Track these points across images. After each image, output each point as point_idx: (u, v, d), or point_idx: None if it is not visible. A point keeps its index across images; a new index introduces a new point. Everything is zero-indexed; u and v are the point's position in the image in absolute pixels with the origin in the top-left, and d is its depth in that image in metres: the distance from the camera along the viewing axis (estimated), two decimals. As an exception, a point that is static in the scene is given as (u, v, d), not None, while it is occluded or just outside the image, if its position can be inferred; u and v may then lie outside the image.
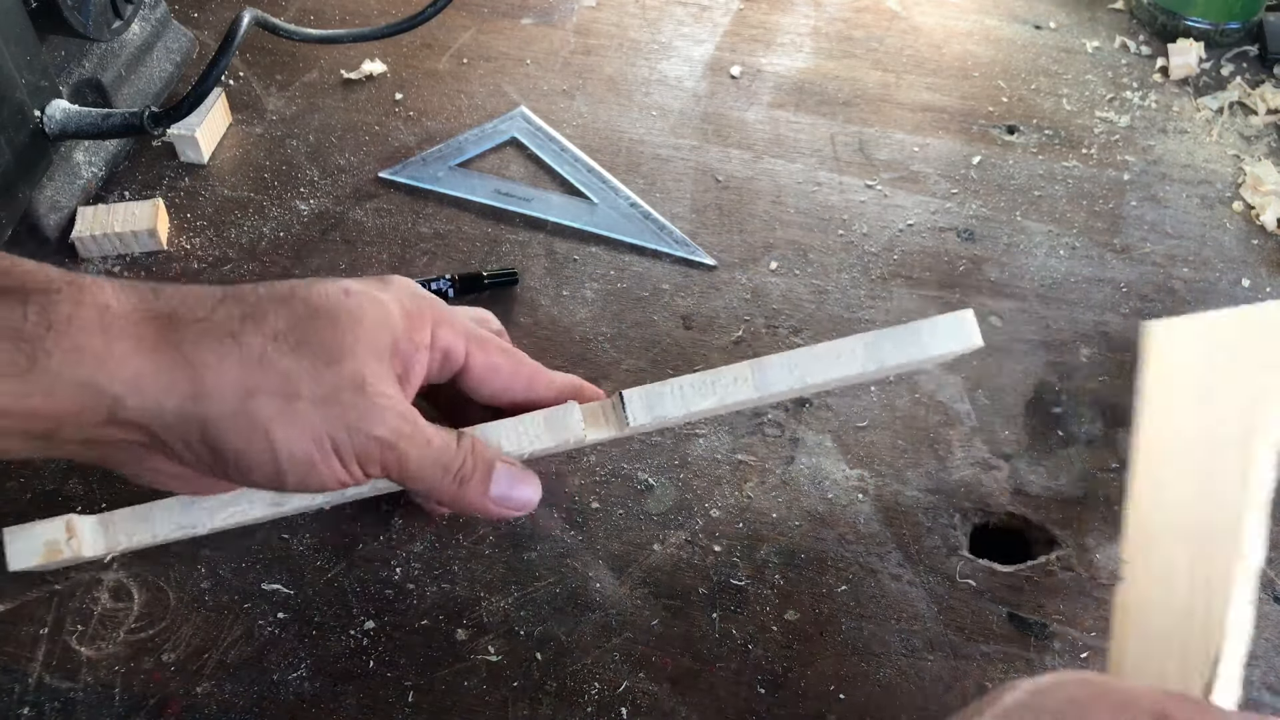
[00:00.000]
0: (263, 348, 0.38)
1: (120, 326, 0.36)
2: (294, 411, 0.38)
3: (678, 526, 0.54)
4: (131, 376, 0.36)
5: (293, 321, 0.38)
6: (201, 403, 0.37)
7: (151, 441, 0.38)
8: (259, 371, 0.37)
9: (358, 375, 0.39)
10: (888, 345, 0.46)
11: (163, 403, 0.37)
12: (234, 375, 0.37)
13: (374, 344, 0.40)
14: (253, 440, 0.38)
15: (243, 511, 0.45)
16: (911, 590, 0.52)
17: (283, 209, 0.70)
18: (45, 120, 0.63)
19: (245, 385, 0.37)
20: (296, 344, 0.38)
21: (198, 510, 0.45)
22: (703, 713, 0.48)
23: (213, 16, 0.84)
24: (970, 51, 0.83)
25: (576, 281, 0.66)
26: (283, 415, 0.38)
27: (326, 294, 0.40)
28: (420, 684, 0.49)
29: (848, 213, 0.71)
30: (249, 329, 0.38)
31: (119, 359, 0.36)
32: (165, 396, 0.37)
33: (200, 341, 0.37)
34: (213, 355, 0.37)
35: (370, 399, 0.39)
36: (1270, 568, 0.53)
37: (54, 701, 0.48)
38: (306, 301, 0.39)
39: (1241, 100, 0.79)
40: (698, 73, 0.81)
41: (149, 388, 0.37)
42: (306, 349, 0.38)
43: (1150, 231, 0.70)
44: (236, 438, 0.38)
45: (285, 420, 0.38)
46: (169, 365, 0.37)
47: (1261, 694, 0.49)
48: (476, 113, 0.77)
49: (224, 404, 0.37)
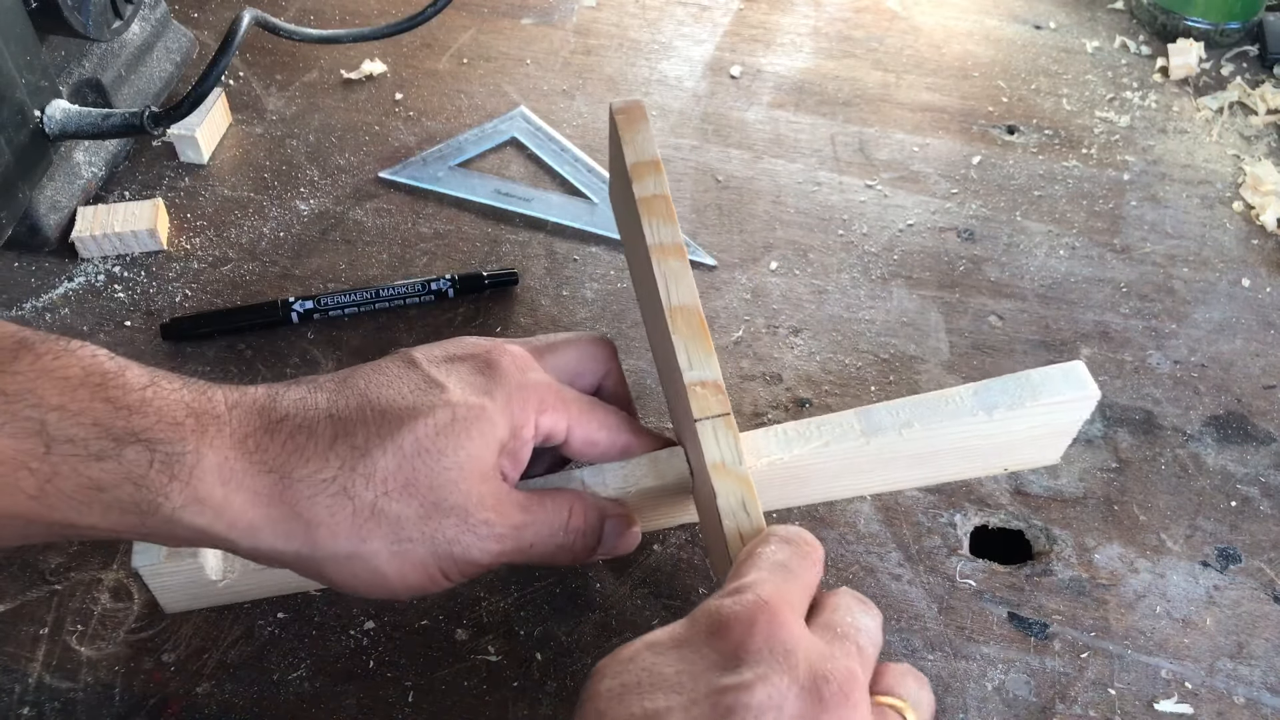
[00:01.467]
0: (373, 500, 0.39)
1: (239, 480, 0.38)
2: (404, 552, 0.40)
3: (678, 527, 0.54)
4: (247, 528, 0.39)
5: (400, 461, 0.40)
6: (316, 551, 0.39)
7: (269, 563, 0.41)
8: (371, 522, 0.39)
9: (462, 509, 0.41)
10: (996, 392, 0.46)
11: (278, 549, 0.39)
12: (347, 528, 0.39)
13: (479, 468, 0.41)
14: (369, 579, 0.40)
15: None
16: (911, 590, 0.52)
17: (283, 209, 0.70)
18: (45, 120, 0.63)
19: (359, 535, 0.39)
20: (404, 487, 0.40)
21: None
22: (703, 713, 0.48)
23: (213, 16, 0.84)
24: (970, 51, 0.83)
25: (576, 281, 0.66)
26: (394, 556, 0.40)
27: (435, 423, 0.41)
28: (420, 684, 0.49)
29: (848, 213, 0.71)
30: (359, 480, 0.39)
31: (236, 511, 0.38)
32: (281, 545, 0.39)
33: (314, 498, 0.39)
34: (326, 512, 0.39)
35: (473, 529, 0.41)
36: (1270, 568, 0.53)
37: (54, 701, 0.48)
38: (415, 433, 0.40)
39: (1241, 100, 0.79)
40: (698, 73, 0.81)
41: (264, 539, 0.39)
42: (414, 491, 0.40)
43: (1150, 231, 0.70)
44: (351, 577, 0.40)
45: (396, 559, 0.40)
46: (284, 519, 0.39)
47: (1261, 694, 0.49)
48: (476, 113, 0.77)
49: (338, 550, 0.39)
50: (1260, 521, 0.55)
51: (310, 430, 0.40)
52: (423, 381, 0.42)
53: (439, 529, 0.41)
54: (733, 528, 0.42)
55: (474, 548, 0.41)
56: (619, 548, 0.47)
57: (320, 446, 0.40)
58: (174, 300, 0.65)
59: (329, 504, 0.39)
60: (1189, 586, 0.53)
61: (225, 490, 0.38)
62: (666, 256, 0.50)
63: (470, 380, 0.43)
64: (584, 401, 0.46)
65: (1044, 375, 0.46)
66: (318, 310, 0.63)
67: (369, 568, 0.40)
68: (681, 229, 0.69)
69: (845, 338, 0.63)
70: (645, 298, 0.53)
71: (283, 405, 0.40)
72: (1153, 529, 0.55)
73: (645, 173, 0.53)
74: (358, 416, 0.40)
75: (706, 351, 0.47)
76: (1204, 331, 0.64)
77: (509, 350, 0.45)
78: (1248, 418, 0.60)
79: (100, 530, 0.38)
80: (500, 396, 0.43)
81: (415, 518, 0.40)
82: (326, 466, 0.39)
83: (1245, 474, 0.57)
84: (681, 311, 0.48)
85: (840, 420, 0.47)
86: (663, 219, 0.51)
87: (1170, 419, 0.60)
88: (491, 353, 0.44)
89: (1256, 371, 0.62)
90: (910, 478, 0.51)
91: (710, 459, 0.44)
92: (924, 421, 0.46)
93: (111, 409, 0.37)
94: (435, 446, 0.40)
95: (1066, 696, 0.49)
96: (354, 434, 0.40)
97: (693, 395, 0.45)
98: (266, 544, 0.39)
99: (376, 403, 0.41)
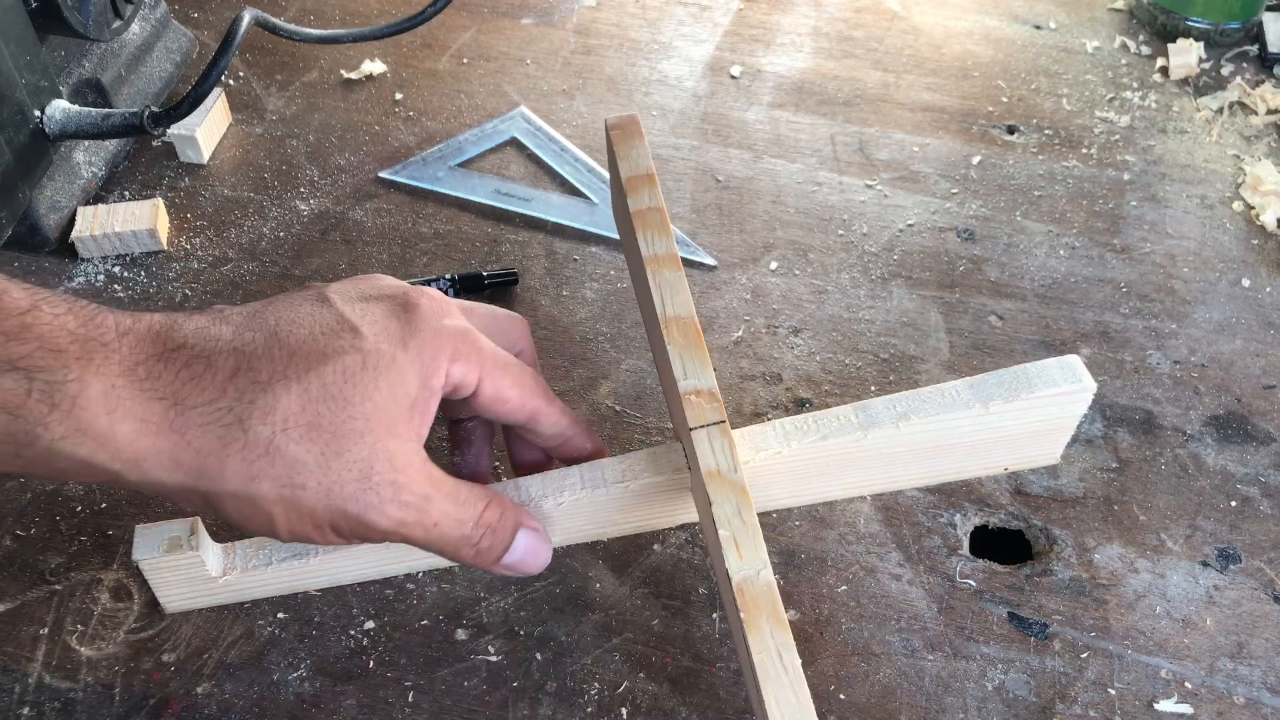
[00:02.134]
0: (271, 436, 0.37)
1: (126, 408, 0.36)
2: (296, 500, 0.38)
3: (678, 526, 0.54)
4: (132, 458, 0.37)
5: (305, 403, 0.38)
6: (204, 482, 0.37)
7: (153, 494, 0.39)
8: (264, 460, 0.37)
9: (366, 464, 0.39)
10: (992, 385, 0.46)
11: (165, 479, 0.37)
12: (238, 461, 0.37)
13: (389, 421, 0.39)
14: (253, 517, 0.39)
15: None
16: (911, 590, 0.52)
17: (283, 209, 0.70)
18: (45, 120, 0.63)
19: (250, 472, 0.37)
20: (307, 429, 0.38)
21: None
22: (703, 713, 0.48)
23: (213, 16, 0.84)
24: (970, 51, 0.83)
25: (576, 281, 0.66)
26: (284, 501, 0.38)
27: (344, 368, 0.39)
28: (420, 684, 0.49)
29: (848, 213, 0.71)
30: (257, 413, 0.37)
31: (121, 441, 0.36)
32: (168, 475, 0.37)
33: (207, 427, 0.37)
34: (218, 441, 0.37)
35: (375, 489, 0.39)
36: (1270, 568, 0.53)
37: (54, 701, 0.48)
38: (321, 377, 0.38)
39: (1241, 100, 0.79)
40: (698, 73, 0.81)
41: (150, 469, 0.37)
42: (316, 435, 0.38)
43: (1150, 231, 0.70)
44: (237, 512, 0.38)
45: (286, 505, 0.38)
46: (172, 449, 0.37)
47: (1261, 694, 0.49)
48: (476, 113, 0.77)
49: (225, 485, 0.38)
50: (1260, 521, 0.55)
51: (209, 361, 0.38)
52: (335, 322, 0.40)
53: (337, 482, 0.38)
54: (728, 536, 0.42)
55: (372, 508, 0.39)
56: (525, 563, 0.45)
57: (218, 377, 0.37)
58: (174, 300, 0.65)
59: (221, 434, 0.37)
60: (1189, 586, 0.53)
61: (110, 420, 0.36)
62: (661, 268, 0.50)
63: (385, 325, 0.41)
64: (498, 355, 0.44)
65: (1040, 368, 0.47)
66: (318, 310, 0.63)
67: (255, 508, 0.38)
68: (681, 229, 0.69)
69: (845, 338, 0.63)
70: (645, 304, 0.53)
71: (180, 333, 0.38)
72: (1153, 529, 0.55)
73: (640, 186, 0.53)
74: (264, 353, 0.38)
75: (702, 361, 0.47)
76: (1204, 331, 0.64)
77: (428, 293, 0.43)
78: (1248, 418, 0.60)
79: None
80: (414, 345, 0.40)
81: (314, 464, 0.38)
82: (223, 397, 0.37)
83: (1245, 474, 0.57)
84: (677, 322, 0.48)
85: (838, 414, 0.47)
86: (657, 231, 0.52)
87: (1170, 419, 0.60)
88: (409, 294, 0.42)
89: (1256, 371, 0.62)
90: (910, 476, 0.51)
91: (706, 467, 0.44)
92: (920, 414, 0.46)
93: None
94: (342, 394, 0.38)
95: (1066, 696, 0.49)
96: (257, 369, 0.38)
97: (688, 404, 0.46)
98: (153, 476, 0.37)
99: (286, 341, 0.39)
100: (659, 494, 0.48)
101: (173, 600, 0.50)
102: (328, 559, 0.49)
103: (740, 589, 0.41)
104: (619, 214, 0.58)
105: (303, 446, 0.38)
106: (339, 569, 0.50)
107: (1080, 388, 0.46)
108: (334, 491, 0.38)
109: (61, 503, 0.54)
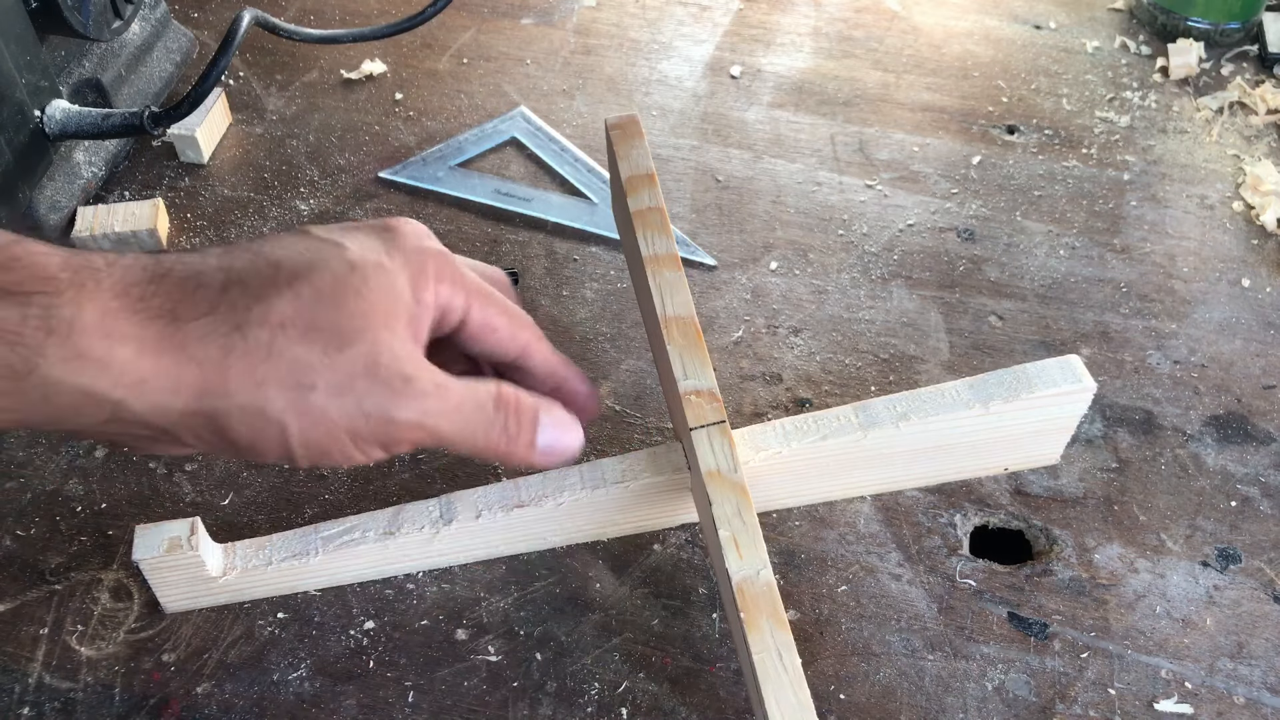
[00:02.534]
0: (270, 338, 0.36)
1: (123, 330, 0.35)
2: (307, 403, 0.37)
3: (678, 526, 0.54)
4: (134, 382, 0.35)
5: (299, 306, 0.37)
6: (209, 399, 0.36)
7: (157, 434, 0.37)
8: (268, 363, 0.36)
9: (371, 357, 0.37)
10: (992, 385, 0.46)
11: (169, 403, 0.36)
12: (241, 369, 0.36)
13: (386, 317, 0.38)
14: (265, 431, 0.37)
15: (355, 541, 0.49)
16: (911, 590, 0.52)
17: (283, 209, 0.70)
18: (45, 120, 0.63)
19: (254, 378, 0.36)
20: (305, 330, 0.37)
21: (312, 537, 0.50)
22: (703, 713, 0.48)
23: (213, 16, 0.85)
24: (970, 51, 0.83)
25: (576, 281, 0.66)
26: (295, 407, 0.37)
27: (333, 273, 0.38)
28: (420, 684, 0.49)
29: (848, 213, 0.71)
30: (254, 320, 0.36)
31: (121, 364, 0.35)
32: (171, 398, 0.36)
33: (206, 339, 0.36)
34: (218, 350, 0.36)
35: (386, 382, 0.38)
36: (1270, 568, 0.53)
37: (54, 701, 0.48)
38: (312, 283, 0.37)
39: (1241, 100, 0.79)
40: (698, 73, 0.81)
41: (153, 391, 0.36)
42: (316, 335, 0.37)
43: (1150, 231, 0.70)
44: (248, 430, 0.37)
45: (298, 411, 0.37)
46: (173, 366, 0.36)
47: (1261, 694, 0.49)
48: (476, 113, 0.77)
49: (233, 399, 0.36)
50: (1260, 521, 0.55)
51: (199, 279, 0.37)
52: (317, 242, 0.39)
53: (346, 376, 0.37)
54: (728, 536, 0.42)
55: (389, 403, 0.38)
56: (560, 442, 0.43)
57: (211, 292, 0.37)
58: (174, 300, 0.65)
59: (222, 343, 0.36)
60: (1189, 586, 0.53)
61: (109, 343, 0.35)
62: (661, 268, 0.50)
63: (367, 242, 0.40)
64: (484, 285, 0.43)
65: (1040, 368, 0.47)
66: (318, 310, 0.63)
67: (265, 418, 0.37)
68: (681, 229, 0.69)
69: (845, 338, 0.63)
70: (645, 304, 0.53)
71: (167, 261, 0.38)
72: (1153, 529, 0.55)
73: (640, 186, 0.53)
74: (250, 269, 0.37)
75: (702, 361, 0.47)
76: (1204, 331, 0.64)
77: (407, 219, 0.42)
78: (1248, 418, 0.60)
79: None
80: (398, 258, 0.40)
81: (318, 362, 0.37)
82: (218, 310, 0.36)
83: (1245, 474, 0.57)
84: (677, 322, 0.48)
85: (838, 414, 0.47)
86: (657, 231, 0.52)
87: (1170, 419, 0.60)
88: (389, 221, 0.42)
89: (1256, 371, 0.62)
90: (910, 476, 0.51)
91: (706, 467, 0.44)
92: (920, 414, 0.46)
93: None
94: (335, 295, 0.37)
95: (1066, 696, 0.49)
96: (247, 282, 0.37)
97: (688, 404, 0.46)
98: (156, 399, 0.36)
99: (270, 257, 0.38)
100: (659, 494, 0.48)
101: (173, 600, 0.50)
102: (328, 559, 0.49)
103: (740, 589, 0.41)
104: (619, 214, 0.58)
105: (303, 346, 0.36)
106: (339, 569, 0.50)
107: (1080, 387, 0.46)
108: (344, 387, 0.37)
109: (61, 503, 0.54)
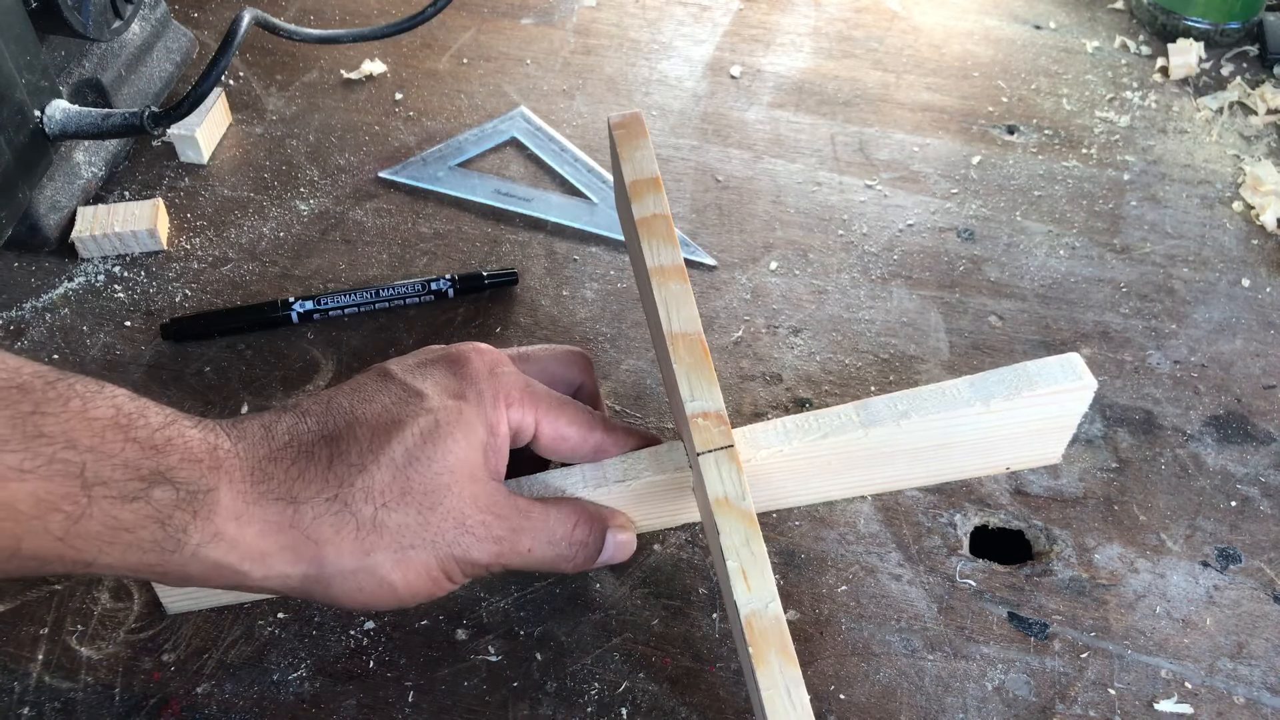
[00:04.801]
0: (373, 513, 0.41)
1: (251, 512, 0.40)
2: (408, 559, 0.42)
3: (678, 526, 0.54)
4: (259, 556, 0.40)
5: (394, 473, 0.41)
6: (324, 568, 0.41)
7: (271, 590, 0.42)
8: (374, 534, 0.41)
9: (459, 513, 0.42)
10: (993, 382, 0.46)
11: (288, 572, 0.41)
12: (352, 543, 0.41)
13: (469, 467, 0.43)
14: (376, 590, 0.42)
15: None
16: (911, 590, 0.52)
17: (283, 209, 0.70)
18: (45, 120, 0.63)
19: (364, 548, 0.41)
20: (401, 495, 0.41)
21: None
22: (703, 713, 0.48)
23: (213, 16, 0.85)
24: (970, 51, 0.83)
25: (576, 281, 0.66)
26: (399, 565, 0.42)
27: (420, 429, 0.42)
28: (420, 684, 0.49)
29: (848, 213, 0.71)
30: (358, 495, 0.41)
31: (249, 542, 0.40)
32: (290, 569, 0.41)
33: (320, 519, 0.41)
34: (331, 529, 0.41)
35: (470, 530, 0.43)
36: (1270, 568, 0.53)
37: (54, 701, 0.48)
38: (403, 443, 0.42)
39: (1241, 100, 0.79)
40: (698, 73, 0.81)
41: (275, 565, 0.40)
42: (410, 500, 0.41)
43: (1150, 231, 0.70)
44: (359, 591, 0.42)
45: (401, 567, 0.42)
46: (293, 544, 0.40)
47: (1261, 694, 0.49)
48: (476, 113, 0.77)
49: (345, 566, 0.41)
50: (1260, 521, 0.55)
51: (309, 455, 0.42)
52: (401, 391, 0.44)
53: (439, 532, 0.42)
54: (736, 567, 0.42)
55: (473, 548, 0.43)
56: (615, 558, 0.48)
57: (319, 469, 0.41)
58: (174, 300, 0.65)
59: (334, 522, 0.41)
60: (1189, 586, 0.53)
61: (239, 524, 0.39)
62: (667, 280, 0.49)
63: (445, 383, 0.44)
64: (553, 397, 0.47)
65: (1040, 366, 0.46)
66: (317, 310, 0.63)
67: (375, 579, 0.41)
68: (682, 229, 0.69)
69: (845, 338, 0.63)
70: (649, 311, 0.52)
71: (279, 435, 0.42)
72: (1153, 529, 0.55)
73: (644, 191, 0.51)
74: (348, 434, 0.42)
75: (709, 380, 0.46)
76: (1204, 331, 0.64)
77: (478, 347, 0.46)
78: (1248, 418, 0.60)
79: (116, 569, 0.39)
80: (473, 395, 0.44)
81: (415, 524, 0.42)
82: (327, 487, 0.41)
83: (1245, 474, 0.57)
84: (684, 339, 0.47)
85: (839, 413, 0.47)
86: (662, 239, 0.50)
87: (1170, 419, 0.60)
88: (461, 351, 0.46)
89: (1256, 371, 0.62)
90: (911, 475, 0.51)
91: (714, 494, 0.44)
92: (921, 412, 0.46)
93: (139, 450, 0.38)
94: (424, 454, 0.42)
95: (1066, 696, 0.49)
96: (348, 453, 0.42)
97: (695, 427, 0.45)
98: (277, 570, 0.40)
99: (363, 418, 0.43)
100: (660, 493, 0.48)
101: (173, 601, 0.50)
102: None
103: (749, 622, 0.41)
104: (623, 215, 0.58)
105: (402, 513, 0.41)
106: None
107: (1081, 385, 0.46)
108: (439, 542, 0.42)
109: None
